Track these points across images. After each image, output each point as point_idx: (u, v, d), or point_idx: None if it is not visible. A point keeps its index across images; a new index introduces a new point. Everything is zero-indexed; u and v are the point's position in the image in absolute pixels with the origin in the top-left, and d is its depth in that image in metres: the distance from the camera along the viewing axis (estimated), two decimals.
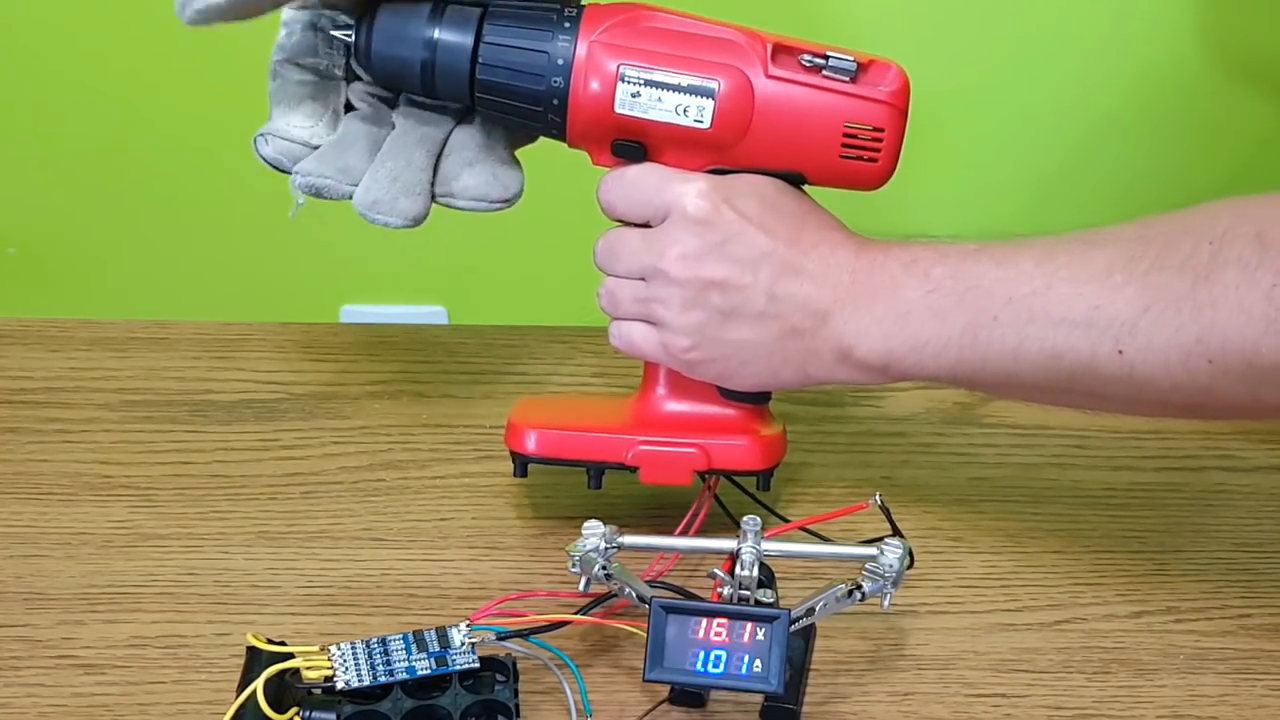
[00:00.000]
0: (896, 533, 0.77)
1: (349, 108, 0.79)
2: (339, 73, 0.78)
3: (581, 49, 0.74)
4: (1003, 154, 1.23)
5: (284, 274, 1.28)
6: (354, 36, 0.76)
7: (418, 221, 0.77)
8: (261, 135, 0.78)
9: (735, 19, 0.76)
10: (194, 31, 1.17)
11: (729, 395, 0.80)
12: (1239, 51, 1.20)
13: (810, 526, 0.81)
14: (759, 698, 0.73)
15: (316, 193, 0.77)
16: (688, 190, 0.75)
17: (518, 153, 0.80)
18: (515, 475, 0.82)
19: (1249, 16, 1.18)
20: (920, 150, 0.77)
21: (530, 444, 0.81)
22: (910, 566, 0.77)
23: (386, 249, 1.26)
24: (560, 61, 0.74)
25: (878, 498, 0.77)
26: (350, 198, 0.76)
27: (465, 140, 0.78)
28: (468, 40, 0.75)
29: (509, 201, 0.78)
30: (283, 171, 0.78)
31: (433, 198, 0.78)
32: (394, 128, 0.78)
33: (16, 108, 1.21)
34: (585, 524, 0.73)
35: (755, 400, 0.81)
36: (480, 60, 0.75)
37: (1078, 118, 1.21)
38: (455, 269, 1.28)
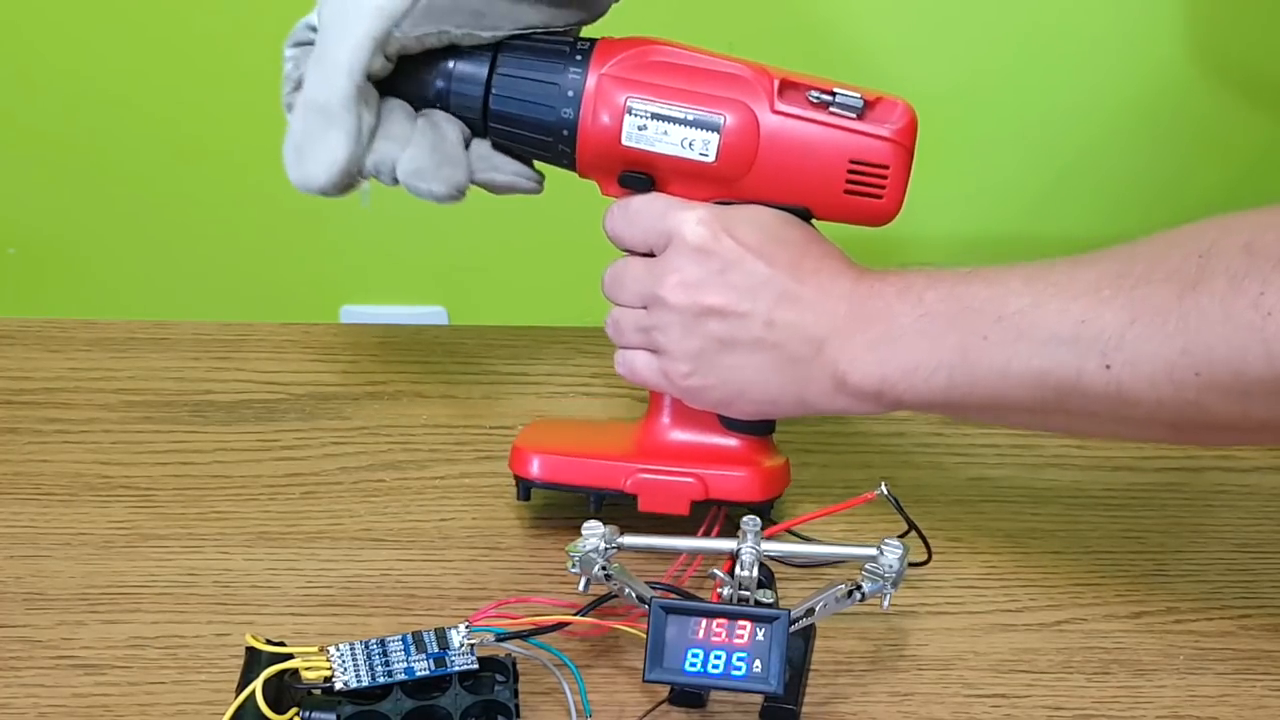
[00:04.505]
0: (907, 521, 0.77)
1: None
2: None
3: (591, 81, 0.75)
4: (1001, 160, 1.23)
5: (284, 274, 1.28)
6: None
7: (460, 191, 0.77)
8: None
9: (738, 20, 0.76)
10: (195, 32, 1.17)
11: (731, 425, 0.81)
12: (1237, 60, 1.20)
13: (813, 524, 0.81)
14: (759, 698, 0.73)
15: (375, 166, 0.76)
16: (688, 218, 0.76)
17: None
18: (519, 499, 0.83)
19: (1247, 25, 1.18)
20: (919, 154, 0.77)
21: (534, 469, 0.81)
22: (928, 561, 0.78)
23: (386, 249, 1.26)
24: (571, 93, 0.75)
25: (884, 487, 0.76)
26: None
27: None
28: (482, 71, 0.76)
29: (539, 183, 0.79)
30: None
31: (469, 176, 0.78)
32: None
33: (17, 108, 1.21)
34: (585, 524, 0.73)
35: (757, 431, 0.81)
36: (494, 91, 0.76)
37: (1077, 124, 1.21)
38: (455, 269, 1.28)
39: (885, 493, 0.76)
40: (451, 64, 0.76)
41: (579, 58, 0.76)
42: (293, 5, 0.78)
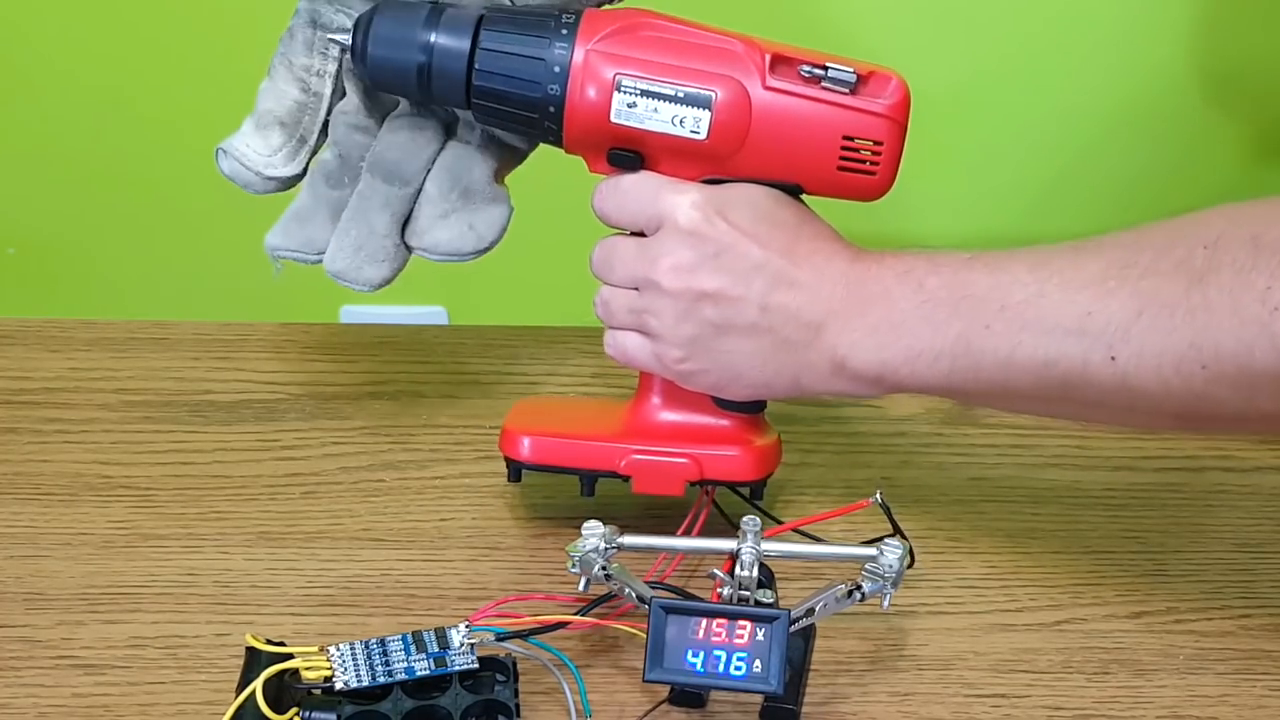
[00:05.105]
0: (897, 530, 0.77)
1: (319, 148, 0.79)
2: (326, 88, 0.78)
3: (579, 56, 0.73)
4: (1001, 158, 1.23)
5: (284, 274, 1.28)
6: (351, 38, 0.75)
7: (385, 284, 0.79)
8: (221, 149, 0.79)
9: (735, 16, 0.76)
10: (195, 33, 1.17)
11: (723, 405, 0.80)
12: (1237, 60, 1.20)
13: (810, 527, 0.81)
14: (759, 698, 0.73)
15: (298, 251, 0.80)
16: (681, 201, 0.75)
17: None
18: (509, 480, 0.82)
19: (1247, 26, 1.18)
20: (918, 153, 0.77)
21: (524, 450, 0.81)
22: (911, 566, 0.78)
23: None
24: (557, 69, 0.74)
25: (878, 495, 0.77)
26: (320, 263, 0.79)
27: (441, 187, 0.78)
28: (464, 45, 0.74)
29: (483, 251, 0.79)
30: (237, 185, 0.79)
31: (407, 250, 0.79)
32: (358, 184, 0.78)
33: (16, 108, 1.21)
34: (585, 524, 0.73)
35: (749, 410, 0.81)
36: (477, 66, 0.74)
37: (1076, 123, 1.21)
38: (455, 269, 1.28)
39: (879, 500, 0.77)
40: (433, 39, 0.74)
41: (564, 32, 0.74)
42: (293, 6, 0.78)
